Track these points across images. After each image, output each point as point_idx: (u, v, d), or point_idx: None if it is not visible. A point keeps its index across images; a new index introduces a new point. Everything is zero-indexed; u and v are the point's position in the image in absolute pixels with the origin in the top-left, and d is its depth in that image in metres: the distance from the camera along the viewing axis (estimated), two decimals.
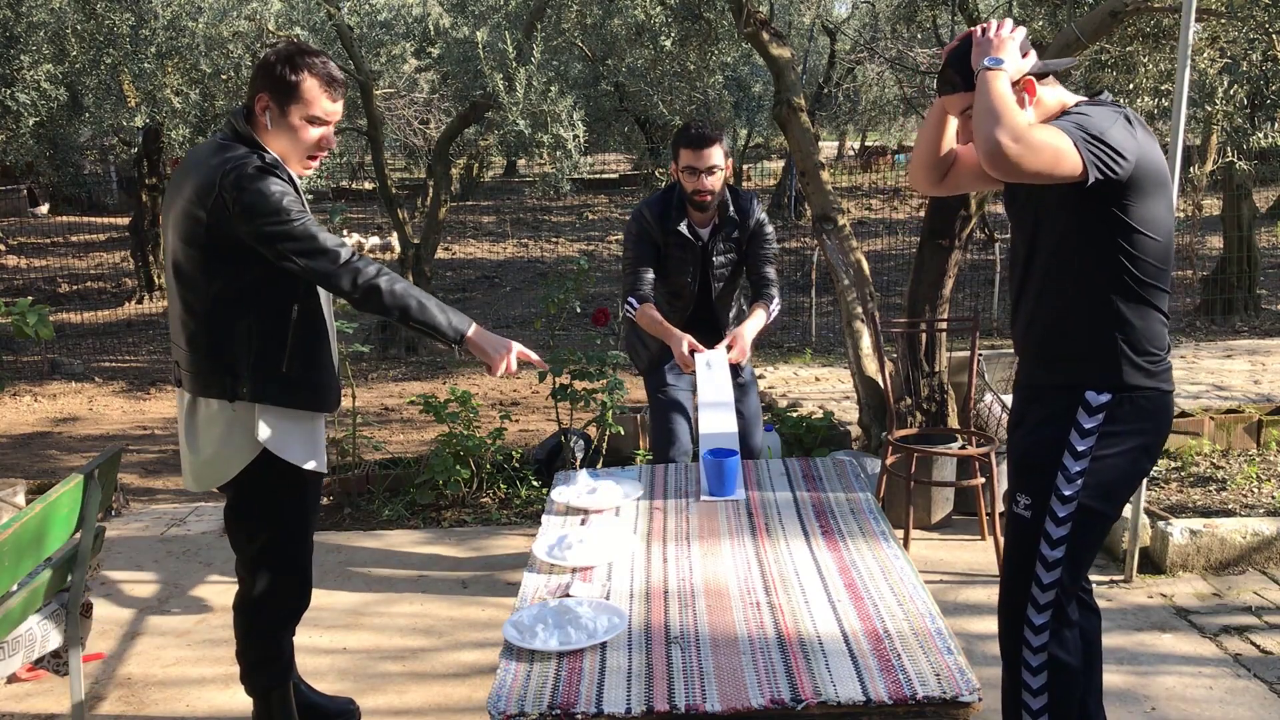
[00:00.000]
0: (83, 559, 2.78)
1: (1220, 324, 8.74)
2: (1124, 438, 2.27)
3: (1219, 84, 5.07)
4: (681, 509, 2.62)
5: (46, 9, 7.76)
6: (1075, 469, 2.26)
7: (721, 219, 3.74)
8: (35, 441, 6.73)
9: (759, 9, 5.19)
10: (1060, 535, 2.28)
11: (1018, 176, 2.12)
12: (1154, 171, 2.19)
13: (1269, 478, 4.88)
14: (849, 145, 27.15)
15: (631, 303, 3.71)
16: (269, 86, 2.46)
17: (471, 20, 8.51)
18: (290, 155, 2.53)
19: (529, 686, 1.80)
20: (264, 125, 2.48)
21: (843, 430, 5.23)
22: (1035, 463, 2.31)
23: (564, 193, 7.48)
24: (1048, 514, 2.28)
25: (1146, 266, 2.23)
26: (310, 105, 2.47)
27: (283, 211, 2.38)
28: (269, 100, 2.46)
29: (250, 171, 2.39)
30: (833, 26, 15.98)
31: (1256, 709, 2.98)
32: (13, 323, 4.56)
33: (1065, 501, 2.27)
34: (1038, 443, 2.32)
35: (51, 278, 13.40)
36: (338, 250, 2.41)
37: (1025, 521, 2.32)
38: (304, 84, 2.46)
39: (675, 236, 3.69)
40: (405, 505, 4.92)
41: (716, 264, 3.75)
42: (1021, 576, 2.33)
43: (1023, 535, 2.33)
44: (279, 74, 2.45)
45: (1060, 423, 2.27)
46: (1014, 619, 2.34)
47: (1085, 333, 2.27)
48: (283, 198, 2.39)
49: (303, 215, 2.42)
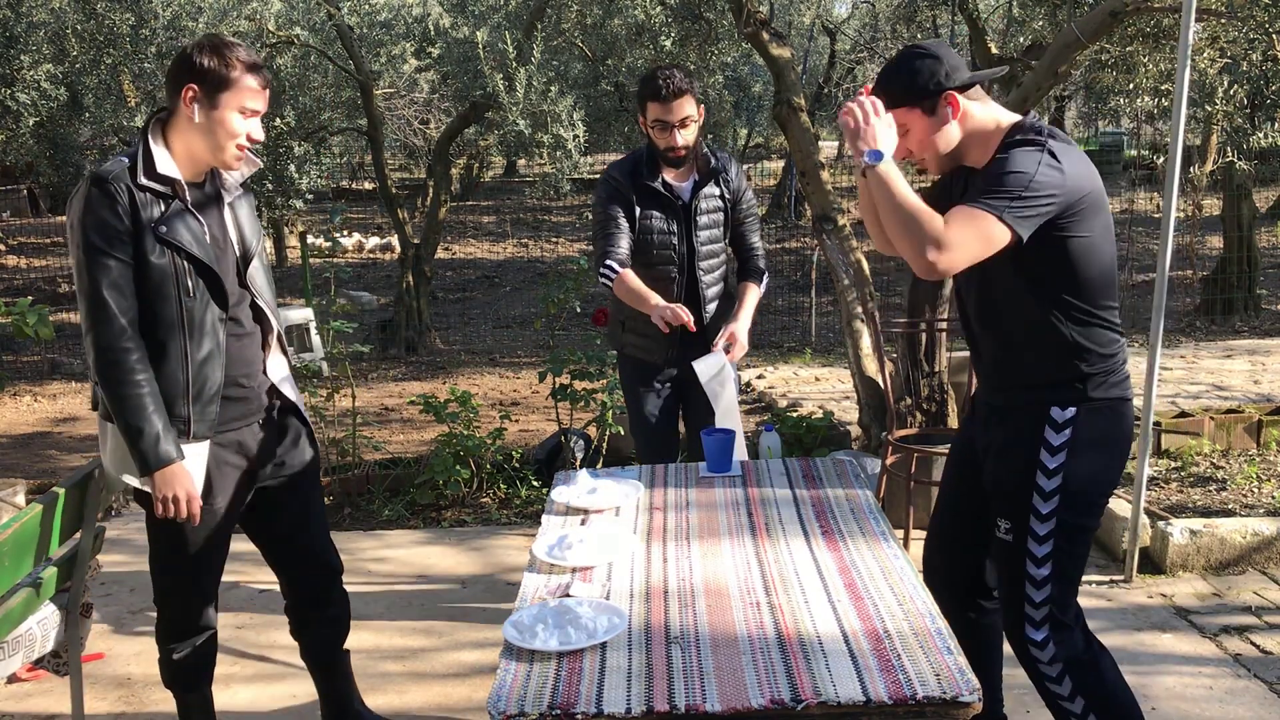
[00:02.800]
0: (83, 559, 2.78)
1: (1220, 324, 8.74)
2: (1093, 448, 2.29)
3: (1219, 84, 5.08)
4: (681, 509, 2.62)
5: (46, 9, 7.77)
6: (1050, 486, 2.28)
7: (702, 173, 3.38)
8: (35, 441, 6.73)
9: (759, 9, 5.19)
10: (1044, 553, 2.30)
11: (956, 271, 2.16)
12: (1086, 195, 2.20)
13: (1269, 478, 4.88)
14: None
15: (610, 268, 3.25)
16: (196, 76, 2.37)
17: (471, 20, 8.52)
18: (216, 149, 2.43)
19: (529, 686, 1.80)
20: (189, 118, 2.39)
21: (843, 430, 5.23)
22: (1009, 486, 2.34)
23: (564, 193, 7.48)
24: (1029, 535, 2.30)
25: (1093, 290, 2.25)
26: (241, 93, 2.39)
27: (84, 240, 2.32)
28: (197, 90, 2.37)
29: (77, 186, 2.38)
30: (833, 26, 15.99)
31: (1256, 709, 2.98)
32: (13, 323, 4.56)
33: (1044, 519, 2.29)
34: (1009, 466, 2.34)
35: (51, 278, 13.39)
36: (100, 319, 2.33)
37: (1009, 545, 2.34)
38: (232, 71, 2.38)
39: (650, 194, 3.31)
40: (405, 505, 4.92)
41: (702, 224, 3.37)
42: (1015, 598, 2.36)
43: (1009, 559, 2.35)
44: (206, 65, 2.37)
45: (1029, 443, 2.29)
46: (1018, 640, 2.36)
47: (1042, 364, 2.30)
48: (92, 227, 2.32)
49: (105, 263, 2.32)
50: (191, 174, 2.47)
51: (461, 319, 10.79)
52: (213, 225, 2.50)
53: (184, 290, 2.40)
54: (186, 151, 2.44)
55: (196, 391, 2.44)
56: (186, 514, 2.42)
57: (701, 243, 3.38)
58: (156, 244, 2.37)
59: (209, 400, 2.47)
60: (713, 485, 2.78)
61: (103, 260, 2.32)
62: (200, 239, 2.44)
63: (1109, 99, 9.63)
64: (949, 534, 2.63)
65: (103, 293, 2.32)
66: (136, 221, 2.35)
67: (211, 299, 2.46)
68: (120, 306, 2.34)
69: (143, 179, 2.37)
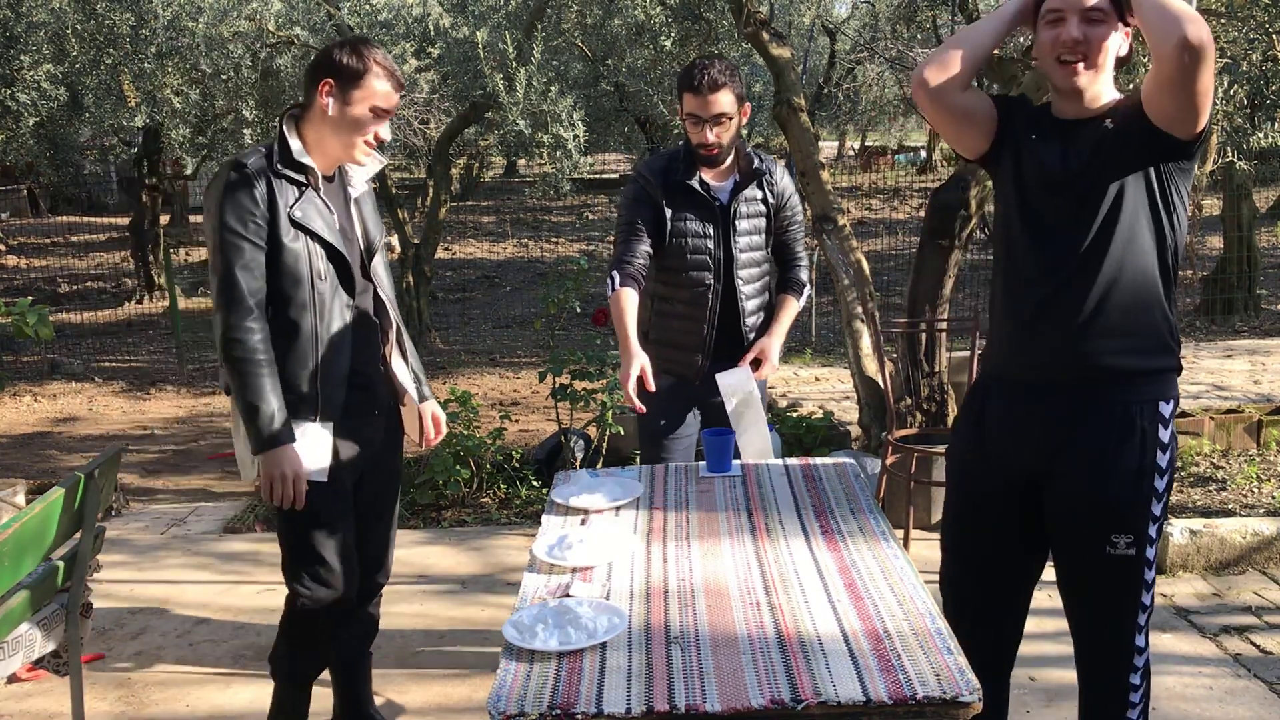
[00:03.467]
0: (83, 559, 2.78)
1: (1220, 324, 8.74)
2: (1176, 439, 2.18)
3: (1219, 84, 5.07)
4: (681, 509, 2.62)
5: (46, 9, 7.76)
6: (1162, 486, 2.14)
7: (744, 173, 3.09)
8: (35, 441, 6.73)
9: (759, 9, 5.19)
10: (1153, 556, 2.18)
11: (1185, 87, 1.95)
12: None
13: (1269, 478, 4.88)
14: (849, 145, 27.14)
15: (613, 278, 3.03)
16: (335, 73, 2.48)
17: (471, 20, 8.50)
18: (346, 144, 2.53)
19: (529, 686, 1.80)
20: (323, 110, 2.49)
21: (843, 430, 5.23)
22: (1129, 497, 2.13)
23: (564, 193, 7.48)
24: (1148, 542, 2.15)
25: (1178, 247, 2.13)
26: (374, 94, 2.49)
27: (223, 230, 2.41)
28: (333, 85, 2.48)
29: (217, 174, 2.46)
30: (833, 26, 15.97)
31: (1256, 709, 2.98)
32: (13, 323, 4.56)
33: (1156, 521, 2.16)
34: (1124, 473, 2.12)
35: (51, 278, 13.39)
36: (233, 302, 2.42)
37: (1130, 560, 2.15)
38: (369, 72, 2.49)
39: (684, 194, 3.05)
40: (405, 505, 4.92)
41: (741, 229, 3.09)
42: (1128, 618, 2.20)
43: (1127, 575, 2.17)
44: (344, 61, 2.48)
45: (1145, 445, 2.11)
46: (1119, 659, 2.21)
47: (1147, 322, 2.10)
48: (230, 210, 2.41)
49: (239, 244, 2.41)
50: (322, 166, 2.56)
51: (461, 319, 10.79)
52: (340, 216, 2.60)
53: (316, 274, 2.51)
54: (318, 144, 2.53)
55: (325, 373, 2.53)
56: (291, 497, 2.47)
57: (741, 249, 3.11)
58: (291, 228, 2.47)
59: (337, 383, 2.55)
60: (713, 485, 2.77)
61: (237, 242, 2.41)
62: (331, 226, 2.55)
63: None
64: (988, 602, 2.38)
65: (235, 273, 2.41)
66: (273, 207, 2.45)
67: (340, 285, 2.56)
68: (250, 288, 2.43)
69: (279, 166, 2.48)
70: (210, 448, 6.43)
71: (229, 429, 6.87)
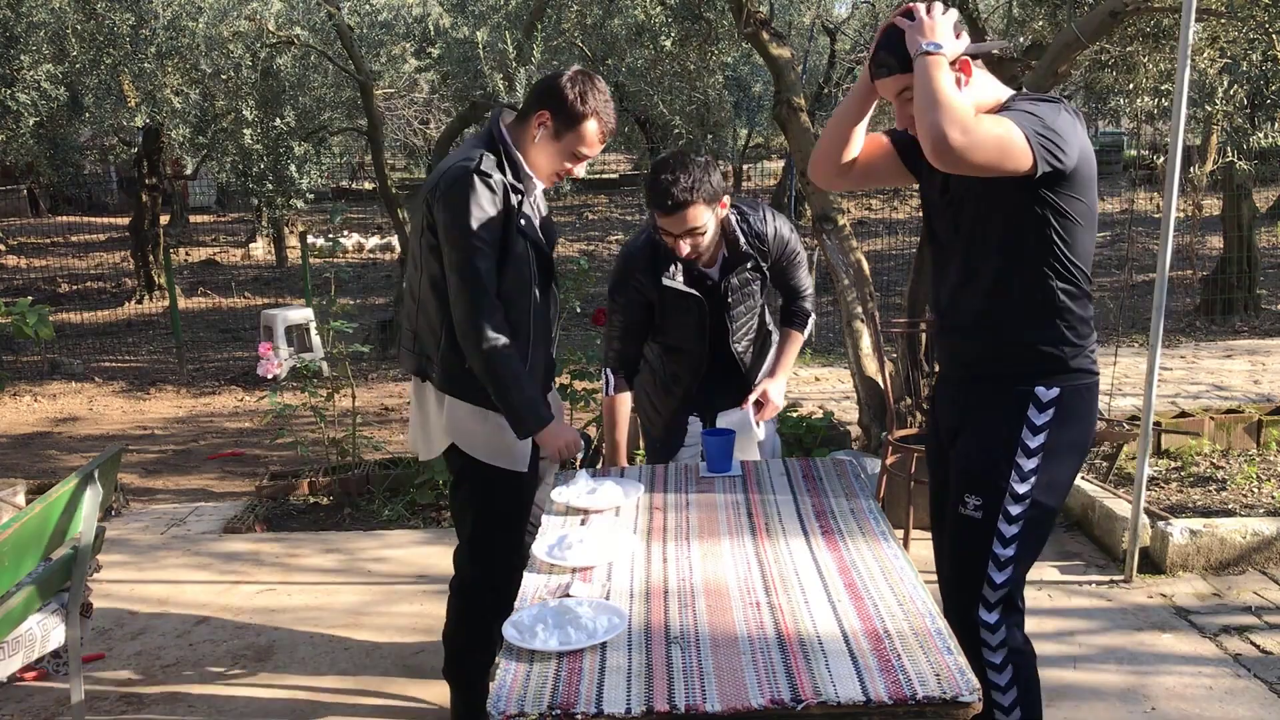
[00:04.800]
0: (83, 559, 2.78)
1: (1220, 324, 8.74)
2: (1070, 429, 2.26)
3: (1219, 84, 5.08)
4: (681, 509, 2.62)
5: (46, 9, 7.76)
6: (1029, 466, 2.24)
7: (733, 254, 3.02)
8: (35, 441, 6.73)
9: (759, 9, 5.19)
10: (1013, 534, 2.27)
11: (963, 169, 2.05)
12: (1090, 164, 2.17)
13: (1269, 478, 4.88)
14: None
15: (608, 378, 3.09)
16: (556, 108, 2.54)
17: (471, 20, 8.50)
18: (540, 170, 2.63)
19: (529, 686, 1.80)
20: (532, 137, 2.58)
21: (843, 430, 5.23)
22: (984, 464, 2.28)
23: (564, 193, 7.48)
24: (1001, 514, 2.26)
25: (1082, 254, 2.22)
26: (583, 142, 2.58)
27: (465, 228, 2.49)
28: (549, 119, 2.55)
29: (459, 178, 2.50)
30: (833, 26, 15.96)
31: (1256, 709, 2.99)
32: (13, 323, 4.57)
33: (1019, 500, 2.26)
34: (987, 443, 2.29)
35: (51, 278, 13.40)
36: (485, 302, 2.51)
37: (975, 522, 2.29)
38: (587, 122, 2.56)
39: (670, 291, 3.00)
40: (405, 505, 4.92)
41: (734, 301, 3.07)
42: (971, 578, 2.31)
43: (973, 536, 2.30)
44: (570, 101, 2.53)
45: (1012, 422, 2.25)
46: (965, 620, 2.30)
47: (1033, 323, 2.24)
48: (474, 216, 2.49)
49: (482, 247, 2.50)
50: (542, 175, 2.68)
51: None
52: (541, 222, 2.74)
53: (533, 277, 2.64)
54: (524, 157, 2.61)
55: (534, 370, 2.66)
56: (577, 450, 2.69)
57: (735, 318, 3.11)
58: (518, 235, 2.58)
59: (543, 378, 2.73)
60: (713, 485, 2.77)
61: (479, 245, 2.50)
62: (539, 229, 2.68)
63: (1109, 99, 9.62)
64: None
65: (481, 276, 2.51)
66: (508, 213, 2.55)
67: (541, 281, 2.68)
68: (491, 287, 2.54)
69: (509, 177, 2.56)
70: (210, 448, 6.43)
71: (229, 429, 6.88)
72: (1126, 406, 5.55)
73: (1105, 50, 5.11)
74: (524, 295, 2.61)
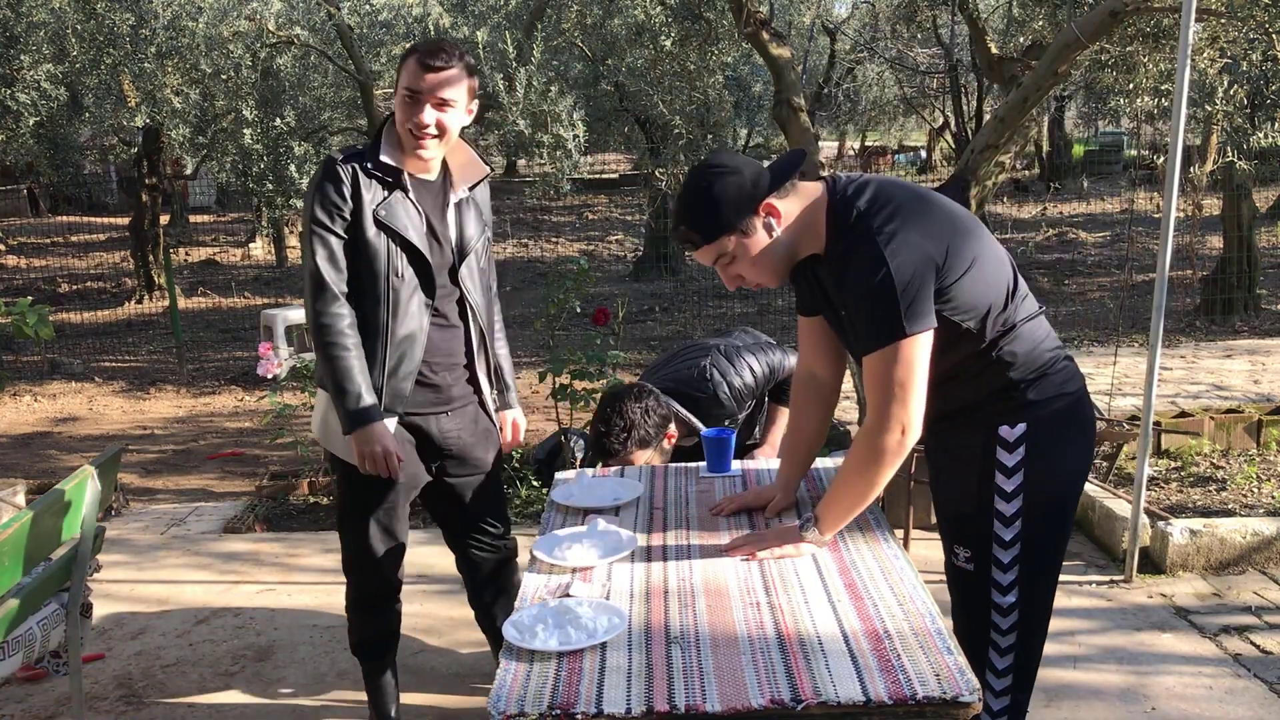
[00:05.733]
0: (83, 559, 2.78)
1: (1220, 324, 8.74)
2: (1052, 457, 2.12)
3: (1219, 84, 5.07)
4: (681, 509, 2.62)
5: (46, 9, 7.76)
6: (1010, 510, 2.12)
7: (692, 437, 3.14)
8: (35, 441, 6.73)
9: (759, 9, 5.19)
10: (1010, 580, 2.16)
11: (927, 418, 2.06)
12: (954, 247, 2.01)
13: (1269, 478, 4.88)
14: (849, 145, 27.14)
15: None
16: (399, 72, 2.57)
17: (471, 20, 8.51)
18: (403, 135, 2.57)
19: (529, 686, 1.80)
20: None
21: (843, 430, 5.23)
22: (966, 514, 2.19)
23: (564, 193, 7.47)
24: (992, 563, 2.16)
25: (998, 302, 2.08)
26: (406, 76, 2.54)
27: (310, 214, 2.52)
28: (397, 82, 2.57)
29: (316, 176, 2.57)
30: (833, 26, 15.97)
31: (1256, 709, 2.99)
32: (13, 323, 4.57)
33: (1007, 546, 2.14)
34: (961, 492, 2.19)
35: (51, 278, 13.40)
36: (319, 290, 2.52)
37: (969, 574, 2.20)
38: (407, 60, 2.55)
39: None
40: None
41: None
42: (977, 629, 2.21)
43: (970, 589, 2.21)
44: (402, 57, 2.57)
45: (982, 468, 2.13)
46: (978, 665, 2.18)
47: (980, 384, 2.13)
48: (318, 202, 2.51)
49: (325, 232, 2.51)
50: (412, 167, 2.60)
51: None
52: (433, 218, 2.65)
53: (393, 270, 2.56)
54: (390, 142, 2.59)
55: (392, 368, 2.60)
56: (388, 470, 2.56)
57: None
58: (374, 224, 2.53)
59: (403, 378, 2.62)
60: (712, 485, 2.77)
61: (323, 234, 2.51)
62: (417, 227, 2.59)
63: (1109, 99, 9.61)
64: None
65: (316, 262, 2.51)
66: (358, 201, 2.52)
67: (420, 285, 2.60)
68: (332, 277, 2.52)
69: (369, 165, 2.55)
70: (210, 447, 6.43)
71: (229, 429, 6.88)
72: (1126, 406, 5.55)
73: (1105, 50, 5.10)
74: (374, 287, 2.56)
